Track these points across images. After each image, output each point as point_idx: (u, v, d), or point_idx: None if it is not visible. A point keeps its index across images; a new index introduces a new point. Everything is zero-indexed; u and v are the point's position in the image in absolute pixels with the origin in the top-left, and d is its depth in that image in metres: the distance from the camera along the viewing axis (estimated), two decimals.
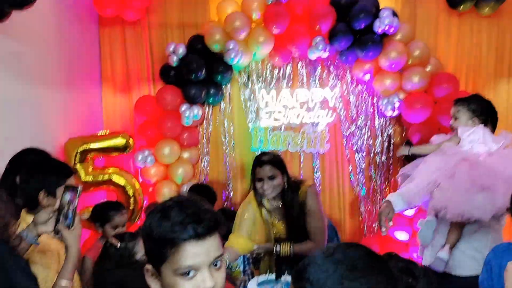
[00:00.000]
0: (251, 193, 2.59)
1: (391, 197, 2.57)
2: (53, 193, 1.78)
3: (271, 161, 2.43)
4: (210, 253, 0.96)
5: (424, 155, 2.63)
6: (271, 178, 2.40)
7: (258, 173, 2.43)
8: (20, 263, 1.35)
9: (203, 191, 3.21)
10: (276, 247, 2.44)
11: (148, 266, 0.98)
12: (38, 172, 1.78)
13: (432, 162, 2.47)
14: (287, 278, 2.24)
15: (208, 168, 3.98)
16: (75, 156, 3.16)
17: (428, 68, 3.52)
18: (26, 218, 1.73)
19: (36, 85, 2.90)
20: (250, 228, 2.48)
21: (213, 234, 0.97)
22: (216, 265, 0.98)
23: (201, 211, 0.96)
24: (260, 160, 2.45)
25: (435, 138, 2.71)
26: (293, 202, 2.44)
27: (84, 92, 3.70)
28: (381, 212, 2.38)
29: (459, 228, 2.36)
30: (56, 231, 1.51)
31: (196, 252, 0.94)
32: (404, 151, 2.92)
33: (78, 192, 1.52)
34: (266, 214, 2.52)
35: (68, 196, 1.51)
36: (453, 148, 2.44)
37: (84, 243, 2.86)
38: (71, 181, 1.84)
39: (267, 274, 2.32)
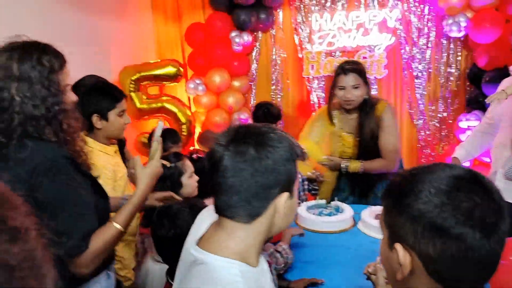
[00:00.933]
0: (325, 106, 2.52)
1: (457, 150, 2.54)
2: (105, 116, 1.83)
3: (356, 69, 2.31)
4: None
5: None
6: (355, 87, 2.30)
7: (341, 81, 2.31)
8: (80, 178, 1.33)
9: (269, 112, 3.21)
10: (344, 162, 2.38)
11: (286, 195, 0.88)
12: (91, 95, 1.83)
13: None
14: (337, 203, 2.23)
15: (259, 96, 3.94)
16: (129, 84, 3.24)
17: None
18: (87, 141, 1.81)
19: (92, 15, 2.94)
20: (319, 137, 2.45)
21: None
22: None
23: None
24: (345, 68, 2.31)
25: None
26: (369, 115, 2.35)
27: (137, 21, 3.72)
28: None
29: None
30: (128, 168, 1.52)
31: None
32: (500, 95, 2.24)
33: (159, 126, 1.51)
34: (337, 125, 2.45)
35: (156, 132, 1.51)
36: None
37: None
38: (123, 105, 1.88)
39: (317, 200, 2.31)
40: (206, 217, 0.99)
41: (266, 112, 3.13)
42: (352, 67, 2.31)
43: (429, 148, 3.73)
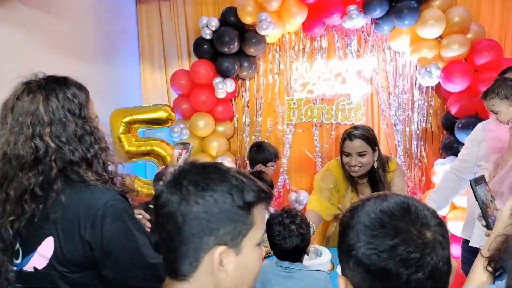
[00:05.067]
0: (333, 161, 2.43)
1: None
2: None
3: (362, 136, 2.20)
4: None
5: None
6: (361, 154, 2.20)
7: (346, 147, 2.22)
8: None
9: (264, 148, 3.39)
10: None
11: (222, 248, 0.80)
12: None
13: None
14: (316, 246, 2.25)
15: (243, 141, 4.03)
16: (120, 126, 3.31)
17: (469, 35, 3.36)
18: None
19: (77, 60, 3.02)
20: (330, 196, 2.35)
21: None
22: None
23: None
24: (350, 134, 2.22)
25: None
26: (380, 184, 2.26)
27: (124, 67, 3.84)
28: None
29: None
30: None
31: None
32: None
33: (189, 150, 1.51)
34: (348, 189, 2.37)
35: (176, 152, 1.53)
36: None
37: None
38: None
39: None
40: None
41: (255, 151, 3.29)
42: (359, 133, 2.22)
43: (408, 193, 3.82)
